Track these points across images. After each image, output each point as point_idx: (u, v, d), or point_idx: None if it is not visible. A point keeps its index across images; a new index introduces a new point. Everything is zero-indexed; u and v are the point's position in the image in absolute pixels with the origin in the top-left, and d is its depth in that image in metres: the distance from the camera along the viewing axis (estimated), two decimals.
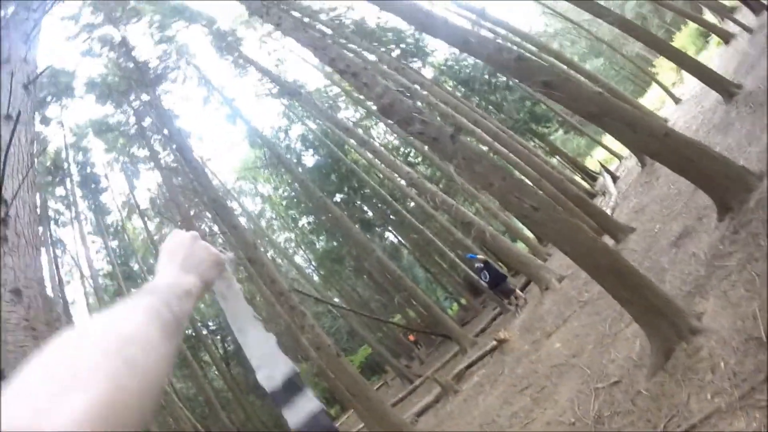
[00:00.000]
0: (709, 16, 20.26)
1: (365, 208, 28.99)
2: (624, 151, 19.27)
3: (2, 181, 2.01)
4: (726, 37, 15.83)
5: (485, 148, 16.34)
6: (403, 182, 19.67)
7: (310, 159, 28.12)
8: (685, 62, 10.45)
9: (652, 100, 24.32)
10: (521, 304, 13.10)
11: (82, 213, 19.09)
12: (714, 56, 16.90)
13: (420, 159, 26.81)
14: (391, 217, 26.89)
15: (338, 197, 27.10)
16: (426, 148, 23.22)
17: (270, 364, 0.88)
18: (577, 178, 23.09)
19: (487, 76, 22.36)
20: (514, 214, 6.28)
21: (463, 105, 14.96)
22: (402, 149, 28.88)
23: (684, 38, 24.17)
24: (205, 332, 26.46)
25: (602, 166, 19.42)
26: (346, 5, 21.33)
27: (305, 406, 0.85)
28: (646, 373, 4.80)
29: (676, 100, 17.63)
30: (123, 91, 15.95)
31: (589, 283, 9.18)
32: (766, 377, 3.13)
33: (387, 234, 31.77)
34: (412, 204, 23.18)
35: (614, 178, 17.27)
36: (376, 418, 8.23)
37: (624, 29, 11.51)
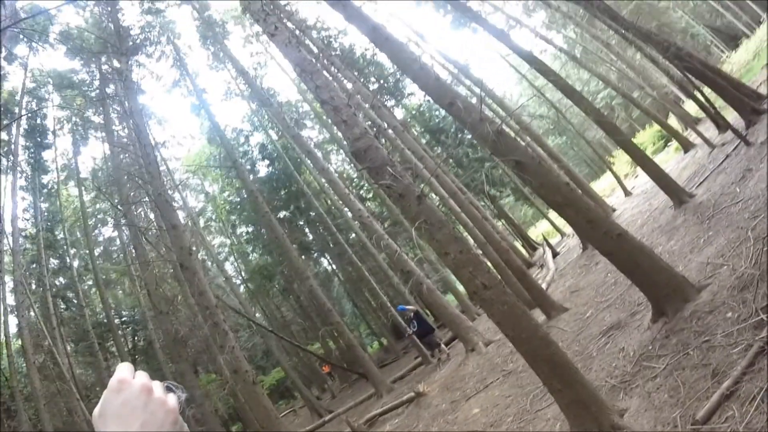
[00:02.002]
0: (673, 122, 21.86)
1: (307, 230, 28.70)
2: (568, 228, 20.12)
3: None
4: (686, 145, 16.71)
5: (436, 199, 16.70)
6: (350, 215, 19.67)
7: (263, 169, 27.73)
8: (645, 163, 11.00)
9: (603, 186, 25.77)
10: (444, 358, 13.30)
11: (19, 164, 17.64)
12: (671, 160, 17.92)
13: (371, 195, 27.02)
14: (331, 245, 26.73)
15: (282, 214, 26.70)
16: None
17: None
18: (518, 245, 23.99)
19: (454, 130, 23.13)
20: (464, 285, 6.40)
21: (428, 156, 15.28)
22: (356, 181, 29.03)
23: (646, 136, 26.06)
24: (117, 321, 24.88)
25: (545, 239, 20.25)
26: (340, 29, 21.68)
27: None
28: None
29: (627, 193, 18.57)
30: (96, 51, 15.18)
31: (515, 353, 9.39)
32: None
33: (322, 260, 31.53)
34: (353, 235, 23.15)
35: (554, 254, 17.87)
36: None
37: (594, 118, 12.23)
